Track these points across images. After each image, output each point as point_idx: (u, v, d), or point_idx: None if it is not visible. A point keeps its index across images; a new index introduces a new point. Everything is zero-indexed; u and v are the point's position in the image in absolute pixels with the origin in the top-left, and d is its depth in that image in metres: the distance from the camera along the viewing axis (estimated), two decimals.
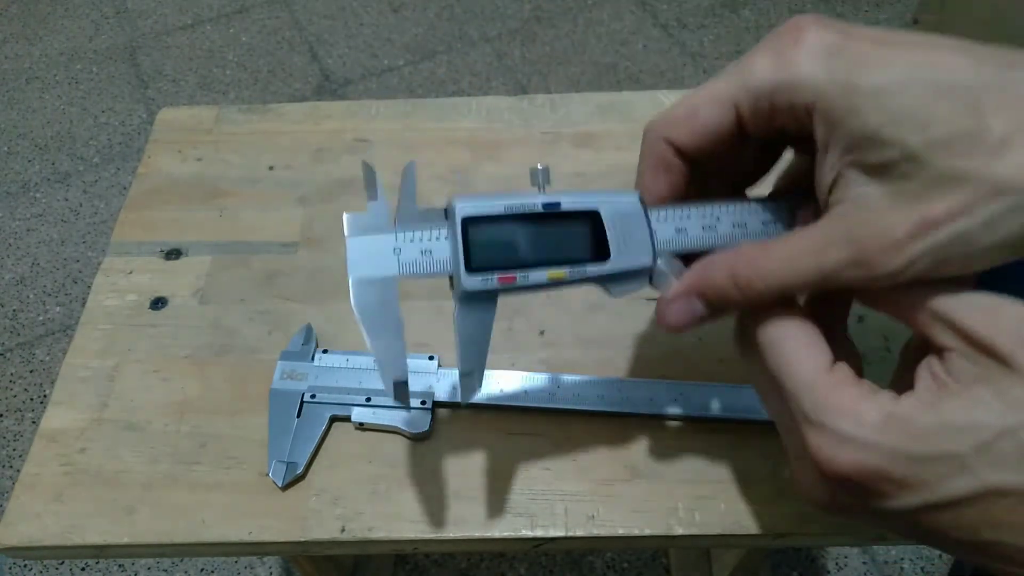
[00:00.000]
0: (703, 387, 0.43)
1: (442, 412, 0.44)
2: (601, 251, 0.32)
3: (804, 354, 0.28)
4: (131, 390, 0.45)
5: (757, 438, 0.42)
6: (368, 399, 0.43)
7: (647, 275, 0.32)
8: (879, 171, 0.26)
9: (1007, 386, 0.24)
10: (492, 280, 0.31)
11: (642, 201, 0.32)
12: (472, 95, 1.57)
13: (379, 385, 0.44)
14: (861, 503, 0.27)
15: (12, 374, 1.22)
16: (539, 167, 0.32)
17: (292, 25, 1.76)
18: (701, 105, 0.30)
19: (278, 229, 0.53)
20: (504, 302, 0.32)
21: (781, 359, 0.29)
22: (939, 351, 0.26)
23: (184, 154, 0.57)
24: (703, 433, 0.43)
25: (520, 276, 0.31)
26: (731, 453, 0.42)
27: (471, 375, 0.32)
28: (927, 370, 0.26)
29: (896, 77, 0.26)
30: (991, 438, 0.24)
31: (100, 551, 0.41)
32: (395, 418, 0.43)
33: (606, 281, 0.32)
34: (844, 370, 0.28)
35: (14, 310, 1.30)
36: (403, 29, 1.74)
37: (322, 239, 0.52)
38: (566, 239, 0.32)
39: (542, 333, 0.47)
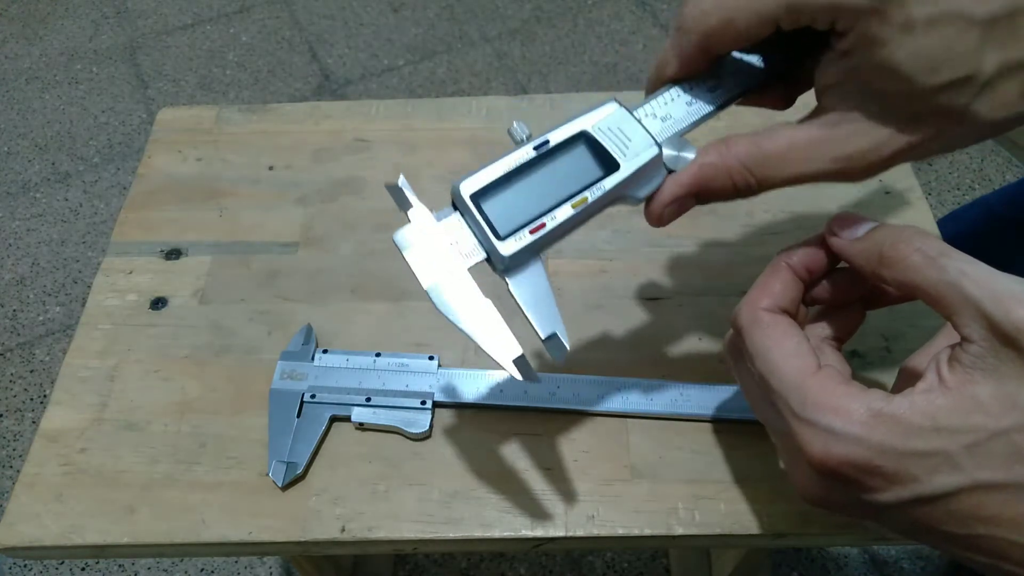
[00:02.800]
0: (703, 387, 0.43)
1: (442, 412, 0.44)
2: (609, 164, 0.32)
3: (792, 359, 0.29)
4: (131, 390, 0.45)
5: (757, 438, 0.42)
6: (368, 399, 0.43)
7: (661, 165, 0.33)
8: (881, 96, 0.28)
9: (1014, 388, 0.24)
10: (525, 236, 0.31)
11: (619, 103, 0.33)
12: (472, 95, 1.57)
13: (379, 385, 0.44)
14: (854, 498, 0.27)
15: (12, 374, 1.22)
16: (515, 124, 0.33)
17: (292, 25, 1.76)
18: (740, 18, 0.30)
19: (278, 229, 0.53)
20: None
21: (769, 364, 0.29)
22: (955, 346, 0.26)
23: (184, 154, 0.57)
24: (703, 433, 0.43)
25: (548, 219, 0.31)
26: (731, 453, 0.42)
27: (554, 337, 0.32)
28: (933, 368, 0.27)
29: (925, 14, 0.26)
30: (984, 439, 0.24)
31: (100, 551, 0.41)
32: (395, 418, 0.43)
33: (627, 188, 0.32)
34: (831, 372, 0.28)
35: (14, 310, 1.30)
36: (403, 29, 1.74)
37: (322, 239, 0.52)
38: (573, 169, 0.32)
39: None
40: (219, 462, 0.42)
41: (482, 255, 0.32)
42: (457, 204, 0.32)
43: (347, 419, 0.43)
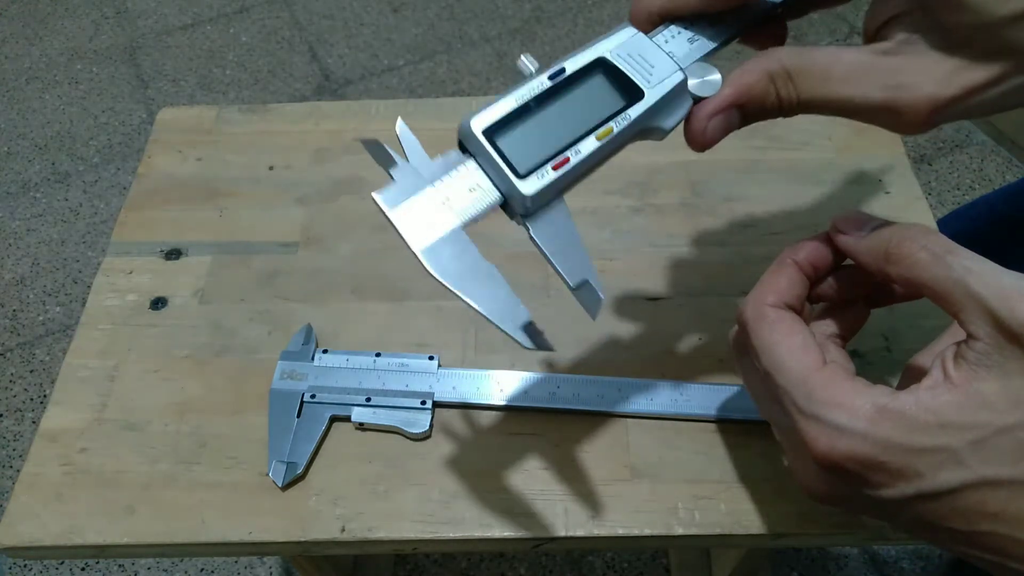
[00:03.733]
0: (703, 387, 0.43)
1: (442, 412, 0.44)
2: (632, 92, 0.30)
3: (797, 354, 0.29)
4: (131, 390, 0.45)
5: (757, 438, 0.42)
6: (368, 399, 0.43)
7: (686, 91, 0.30)
8: (946, 30, 0.27)
9: (1020, 384, 0.24)
10: (548, 172, 0.28)
11: (636, 27, 0.31)
12: (472, 95, 1.57)
13: (379, 385, 0.44)
14: (858, 493, 0.27)
15: (12, 374, 1.22)
16: (523, 57, 0.30)
17: (292, 25, 1.76)
18: None
19: (278, 229, 0.53)
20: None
21: (774, 360, 0.29)
22: (960, 343, 0.26)
23: (184, 154, 0.57)
24: (703, 433, 0.43)
25: (571, 153, 0.29)
26: (731, 453, 0.42)
27: (584, 285, 0.29)
28: (939, 365, 0.27)
29: None
30: (989, 435, 0.24)
31: (100, 551, 0.41)
32: (395, 418, 0.43)
33: (654, 118, 0.30)
34: (837, 368, 0.28)
35: (14, 310, 1.30)
36: (403, 29, 1.74)
37: (322, 239, 0.52)
38: (593, 98, 0.30)
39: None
40: (219, 462, 0.42)
41: (495, 197, 0.29)
42: (467, 144, 0.29)
43: (347, 419, 0.43)
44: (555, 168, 0.28)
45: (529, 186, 0.28)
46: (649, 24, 0.31)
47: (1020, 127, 1.41)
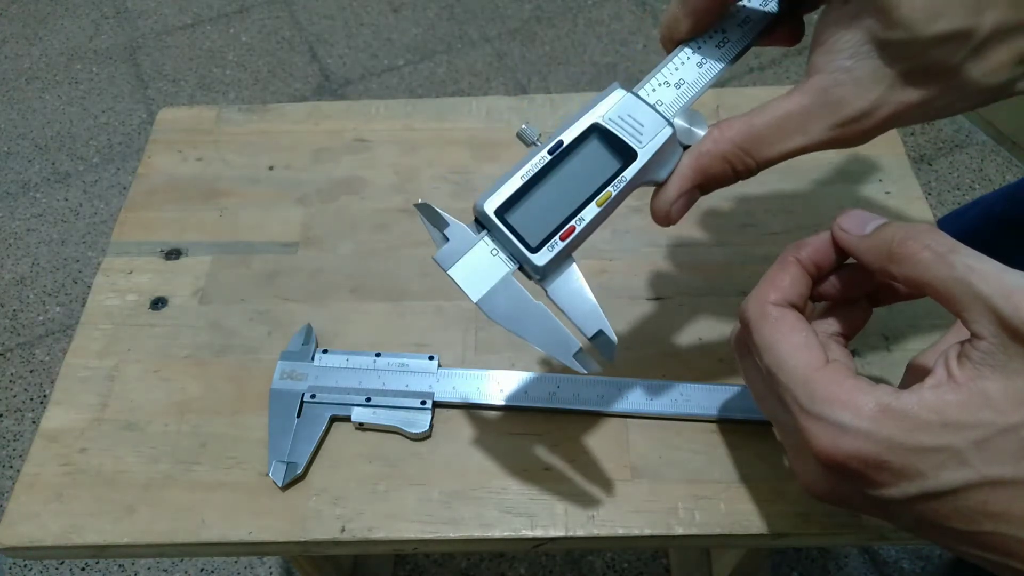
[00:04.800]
0: (703, 387, 0.43)
1: (442, 412, 0.44)
2: (626, 153, 0.32)
3: (800, 352, 0.29)
4: (131, 390, 0.45)
5: (757, 438, 0.42)
6: (368, 399, 0.43)
7: (676, 143, 0.32)
8: (878, 47, 0.29)
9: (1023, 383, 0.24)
10: (557, 243, 0.31)
11: (624, 88, 0.33)
12: (472, 95, 1.57)
13: (379, 385, 0.44)
14: (860, 492, 0.27)
15: (12, 374, 1.22)
16: (524, 126, 0.33)
17: (292, 25, 1.76)
18: None
19: (278, 229, 0.53)
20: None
21: (776, 358, 0.29)
22: (964, 342, 0.26)
23: (184, 154, 0.57)
24: (703, 433, 0.43)
25: (576, 222, 0.31)
26: (731, 453, 0.42)
27: (600, 334, 0.32)
28: (942, 364, 0.27)
29: None
30: (992, 435, 0.24)
31: (100, 551, 0.41)
32: (395, 418, 0.43)
33: (648, 174, 0.32)
34: (839, 366, 0.28)
35: (14, 310, 1.30)
36: (403, 29, 1.74)
37: (322, 239, 0.52)
38: (591, 165, 0.32)
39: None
40: (219, 462, 0.42)
41: (515, 265, 0.32)
42: (483, 222, 0.32)
43: (347, 419, 0.43)
44: (563, 238, 0.31)
45: (541, 258, 0.31)
46: (671, 45, 0.34)
47: (1020, 127, 1.41)
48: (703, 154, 0.32)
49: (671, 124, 0.32)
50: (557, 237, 0.31)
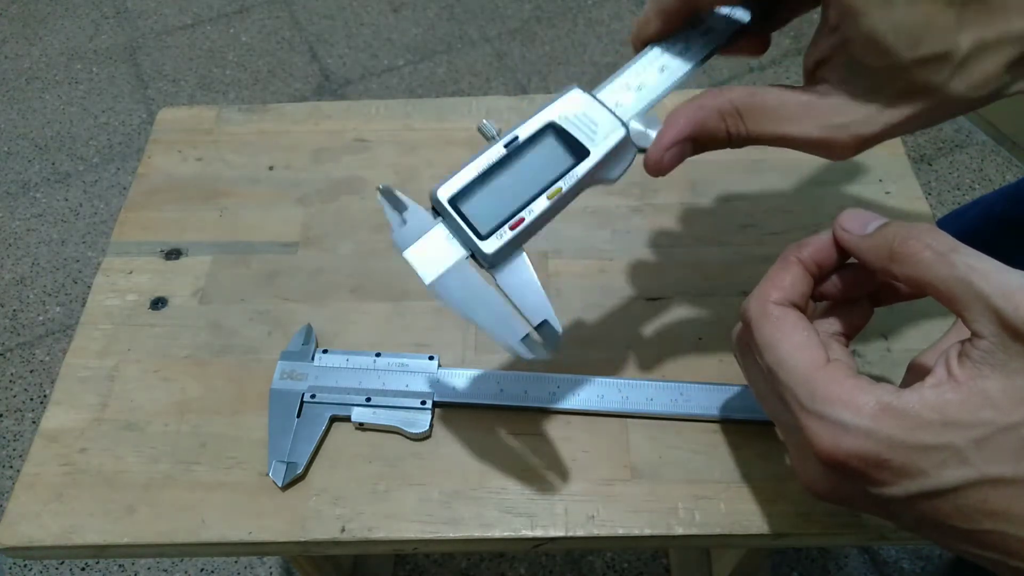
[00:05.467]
0: (703, 387, 0.43)
1: (442, 412, 0.44)
2: (579, 151, 0.33)
3: (801, 351, 0.29)
4: (131, 390, 0.45)
5: (757, 438, 0.42)
6: (368, 399, 0.43)
7: (630, 144, 0.33)
8: (866, 72, 0.30)
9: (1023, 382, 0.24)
10: (505, 232, 0.32)
11: (582, 89, 0.34)
12: (472, 95, 1.57)
13: (379, 385, 0.44)
14: (861, 491, 0.28)
15: (12, 374, 1.22)
16: (484, 122, 0.34)
17: (292, 25, 1.76)
18: None
19: (278, 229, 0.53)
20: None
21: (778, 357, 0.29)
22: (965, 341, 0.26)
23: (184, 154, 0.57)
24: (703, 433, 0.43)
25: (526, 213, 0.32)
26: (731, 453, 0.42)
27: (544, 324, 0.33)
28: (943, 363, 0.27)
29: None
30: (992, 433, 0.24)
31: (100, 551, 0.41)
32: (395, 418, 0.43)
33: (600, 172, 0.33)
34: (840, 365, 0.28)
35: (14, 310, 1.30)
36: (403, 29, 1.74)
37: (322, 239, 0.52)
38: (544, 161, 0.33)
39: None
40: (219, 462, 0.42)
41: (462, 253, 0.33)
42: (437, 209, 0.33)
43: (347, 419, 0.43)
44: (512, 228, 0.32)
45: (490, 245, 0.32)
46: (641, 45, 0.35)
47: (1020, 127, 1.41)
48: (701, 107, 0.33)
49: (625, 125, 0.33)
50: (507, 227, 0.32)
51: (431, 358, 0.45)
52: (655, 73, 0.34)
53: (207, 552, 0.42)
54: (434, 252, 0.33)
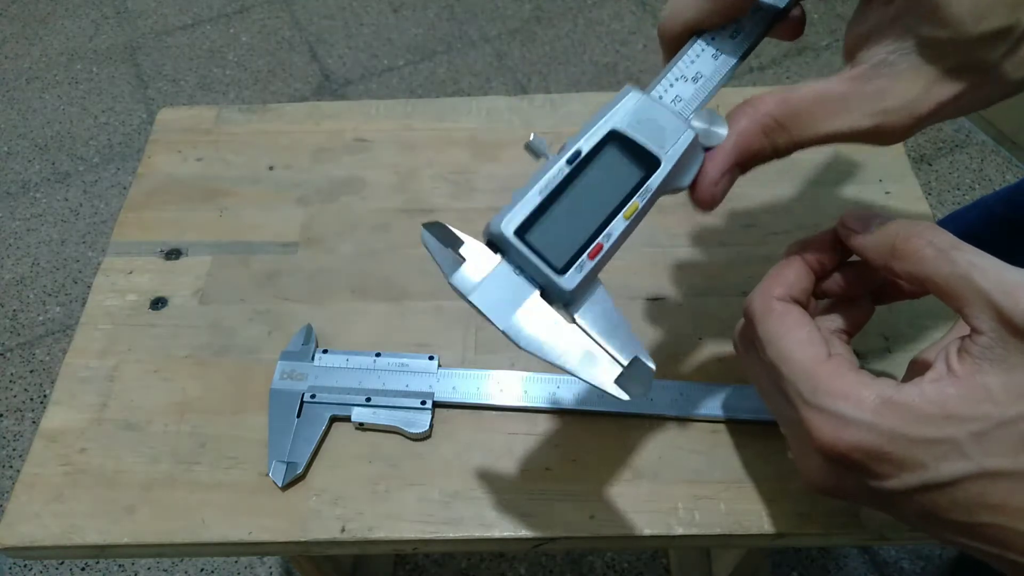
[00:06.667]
0: (703, 387, 0.43)
1: (442, 412, 0.44)
2: (648, 161, 0.30)
3: (803, 346, 0.29)
4: (131, 390, 0.45)
5: (757, 438, 0.42)
6: (368, 399, 0.43)
7: (699, 145, 0.31)
8: (923, 45, 0.28)
9: (1023, 377, 0.25)
10: (586, 263, 0.29)
11: (638, 90, 0.31)
12: (472, 95, 1.57)
13: (379, 385, 0.44)
14: (861, 484, 0.28)
15: (12, 374, 1.22)
16: (532, 138, 0.30)
17: (292, 25, 1.76)
18: None
19: (278, 229, 0.53)
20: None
21: (781, 352, 0.30)
22: (964, 337, 0.27)
23: (184, 154, 0.57)
24: (703, 433, 0.43)
25: (603, 238, 0.29)
26: (731, 453, 0.42)
27: (637, 361, 0.30)
28: (943, 359, 0.27)
29: None
30: (991, 427, 0.25)
31: (100, 551, 0.41)
32: (395, 418, 0.43)
33: (672, 182, 0.30)
34: (842, 360, 0.29)
35: (14, 310, 1.30)
36: (403, 29, 1.74)
37: (322, 239, 0.52)
38: (612, 175, 0.30)
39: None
40: (219, 462, 0.42)
41: (532, 292, 0.29)
42: (499, 245, 0.29)
43: (347, 419, 0.43)
44: (591, 257, 0.29)
45: (570, 280, 0.29)
46: (677, 43, 0.32)
47: (1020, 127, 1.41)
48: (741, 132, 0.31)
49: (691, 126, 0.31)
50: (585, 256, 0.29)
51: (431, 358, 0.45)
52: (710, 61, 0.31)
53: (207, 552, 0.42)
54: (504, 290, 0.29)
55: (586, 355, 0.29)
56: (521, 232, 0.29)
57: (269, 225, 0.53)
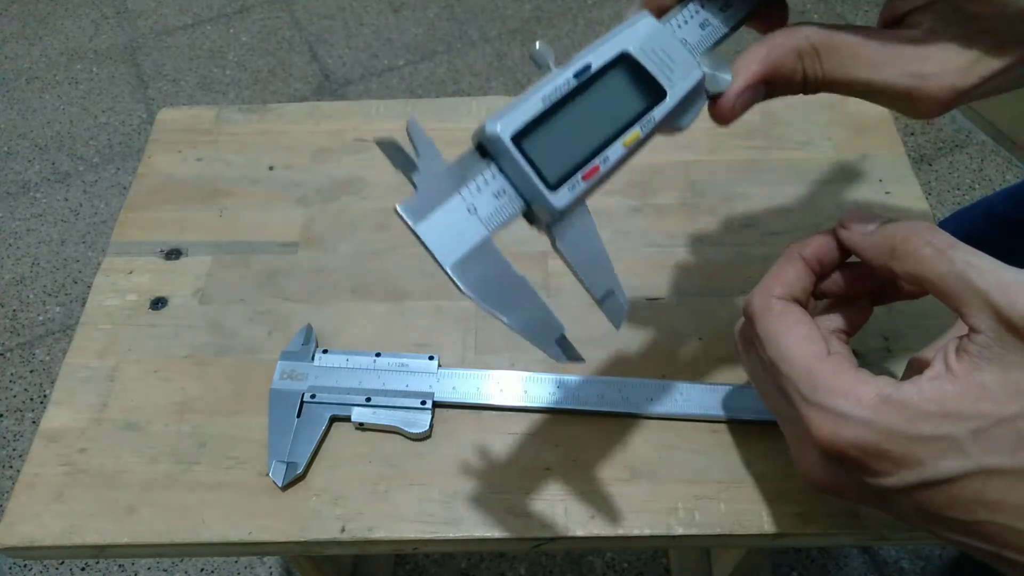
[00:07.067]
0: (703, 387, 0.43)
1: (442, 412, 0.44)
2: (654, 91, 0.28)
3: (802, 344, 0.29)
4: (131, 390, 0.45)
5: (757, 438, 0.42)
6: (368, 399, 0.43)
7: (703, 88, 0.29)
8: (971, 19, 0.27)
9: (1020, 375, 0.25)
10: (578, 183, 0.27)
11: (653, 16, 0.29)
12: (472, 95, 1.57)
13: (379, 385, 0.44)
14: (860, 482, 0.28)
15: (12, 374, 1.22)
16: (537, 46, 0.28)
17: (292, 25, 1.76)
18: None
19: (278, 229, 0.53)
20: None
21: (780, 350, 0.30)
22: (962, 336, 0.27)
23: (184, 154, 0.57)
24: (703, 433, 0.43)
25: (600, 161, 0.27)
26: (731, 453, 0.42)
27: (611, 295, 0.29)
28: (941, 357, 0.27)
29: None
30: (989, 425, 0.25)
31: (100, 551, 0.41)
32: (395, 418, 0.43)
33: (673, 118, 0.29)
34: (841, 358, 0.29)
35: (14, 310, 1.30)
36: (403, 29, 1.74)
37: (322, 239, 0.52)
38: (617, 98, 0.28)
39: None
40: (219, 462, 0.42)
41: (517, 208, 0.27)
42: (490, 149, 0.27)
43: (347, 419, 0.43)
44: (585, 178, 0.27)
45: (561, 198, 0.27)
46: (663, 5, 0.31)
47: (1020, 127, 1.40)
48: (776, 45, 0.29)
49: (700, 67, 0.29)
50: (579, 176, 0.27)
51: (431, 358, 0.45)
52: (717, 11, 0.30)
53: (207, 552, 0.42)
54: (455, 227, 0.26)
55: (532, 309, 0.28)
56: (518, 139, 0.26)
57: (269, 225, 0.53)
